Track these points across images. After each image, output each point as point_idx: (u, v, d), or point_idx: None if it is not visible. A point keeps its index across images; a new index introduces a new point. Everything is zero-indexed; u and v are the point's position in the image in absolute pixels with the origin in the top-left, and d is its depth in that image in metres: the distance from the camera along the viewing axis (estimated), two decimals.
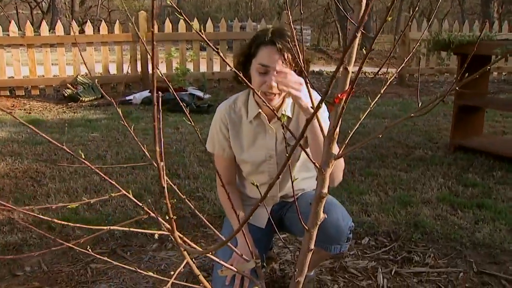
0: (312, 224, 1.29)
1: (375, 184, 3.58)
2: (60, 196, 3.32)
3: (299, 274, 1.38)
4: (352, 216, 3.00)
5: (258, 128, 1.90)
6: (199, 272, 1.06)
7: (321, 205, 1.27)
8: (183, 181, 3.66)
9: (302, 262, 1.36)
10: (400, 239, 2.68)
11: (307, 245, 1.32)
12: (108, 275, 2.29)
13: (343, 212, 1.85)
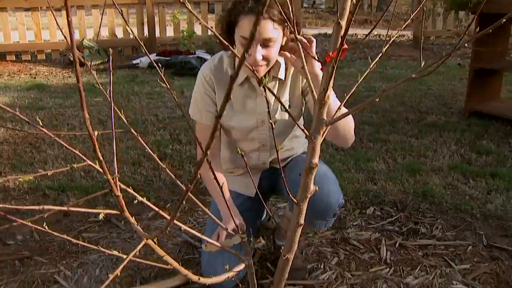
0: (302, 198, 1.15)
1: (384, 150, 3.41)
2: (58, 162, 3.23)
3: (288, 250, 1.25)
4: (358, 184, 2.88)
5: (248, 91, 1.74)
6: (163, 252, 0.94)
7: (311, 176, 1.13)
8: (184, 146, 3.54)
9: (291, 238, 1.22)
10: (407, 209, 2.54)
11: (296, 220, 1.19)
12: (100, 245, 2.20)
13: (334, 187, 1.70)
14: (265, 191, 1.95)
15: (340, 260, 2.05)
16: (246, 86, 1.73)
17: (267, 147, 1.82)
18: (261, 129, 1.77)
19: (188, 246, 2.17)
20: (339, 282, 1.88)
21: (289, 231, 1.21)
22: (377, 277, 1.91)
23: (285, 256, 1.24)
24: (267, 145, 1.81)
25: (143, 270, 1.96)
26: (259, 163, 1.86)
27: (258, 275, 1.92)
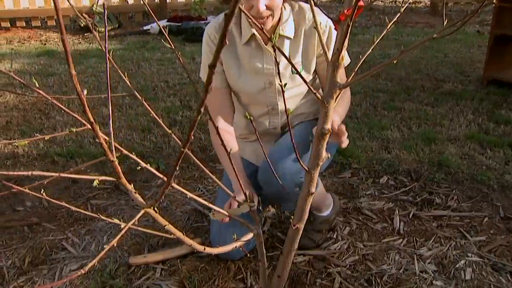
0: (313, 165, 1.09)
1: (398, 119, 3.31)
2: (67, 129, 3.19)
3: (298, 220, 1.19)
4: (372, 152, 2.80)
5: (255, 51, 1.65)
6: (165, 222, 0.88)
7: (323, 143, 1.06)
8: (195, 113, 3.48)
9: (302, 207, 1.17)
10: (422, 179, 2.46)
11: (307, 189, 1.13)
12: (108, 212, 2.17)
13: (288, 172, 1.54)
14: None
15: (352, 230, 2.00)
16: (253, 45, 1.64)
17: (277, 111, 1.73)
18: (269, 91, 1.68)
19: (197, 214, 2.13)
20: (351, 252, 1.83)
21: (299, 200, 1.16)
22: (390, 248, 1.86)
23: (295, 225, 1.19)
24: (276, 108, 1.73)
25: (151, 238, 1.93)
26: (270, 128, 1.79)
27: (268, 245, 1.88)
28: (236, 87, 1.70)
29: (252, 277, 1.68)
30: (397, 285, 1.63)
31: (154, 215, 0.84)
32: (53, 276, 1.70)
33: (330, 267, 1.73)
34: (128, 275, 1.70)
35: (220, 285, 1.64)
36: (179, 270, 1.70)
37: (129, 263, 1.75)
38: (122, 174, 0.75)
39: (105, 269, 1.72)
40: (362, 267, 1.74)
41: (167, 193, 2.36)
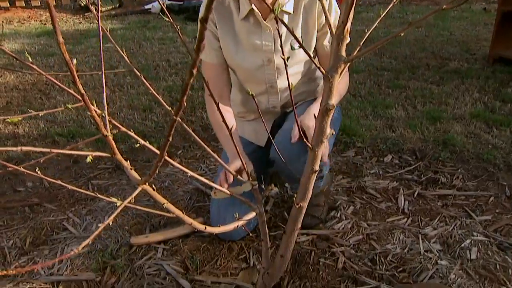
0: (317, 142, 1.05)
1: (403, 97, 3.26)
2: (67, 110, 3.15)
3: (301, 198, 1.16)
4: (376, 131, 2.75)
5: (253, 27, 1.59)
6: (164, 200, 0.85)
7: (327, 119, 1.02)
8: (196, 92, 3.43)
9: (305, 186, 1.13)
10: (427, 158, 2.42)
11: (311, 166, 1.09)
12: (109, 192, 2.15)
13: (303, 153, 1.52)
14: None
15: (356, 209, 1.97)
16: (251, 21, 1.58)
17: (276, 89, 1.68)
18: (268, 68, 1.63)
19: (199, 193, 2.10)
20: (355, 232, 1.80)
21: (303, 178, 1.12)
22: (394, 227, 1.83)
23: (298, 204, 1.15)
24: (275, 86, 1.67)
25: (153, 218, 1.90)
26: (269, 107, 1.74)
27: (271, 224, 1.86)
28: (234, 64, 1.65)
29: (254, 256, 1.66)
30: (401, 265, 1.61)
31: (152, 192, 0.80)
32: (54, 256, 1.68)
33: (333, 246, 1.71)
34: (129, 255, 1.68)
35: (222, 264, 1.62)
36: (181, 250, 1.68)
37: (130, 243, 1.73)
38: (117, 150, 0.71)
39: (107, 249, 1.70)
40: (366, 246, 1.71)
41: (168, 173, 2.33)
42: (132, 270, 1.59)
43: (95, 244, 1.74)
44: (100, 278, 1.56)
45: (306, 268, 1.58)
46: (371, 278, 1.54)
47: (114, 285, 1.51)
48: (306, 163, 1.22)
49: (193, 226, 1.81)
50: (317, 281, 1.51)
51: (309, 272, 1.56)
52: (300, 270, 1.57)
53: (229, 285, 1.51)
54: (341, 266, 1.60)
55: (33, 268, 0.55)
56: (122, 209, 1.97)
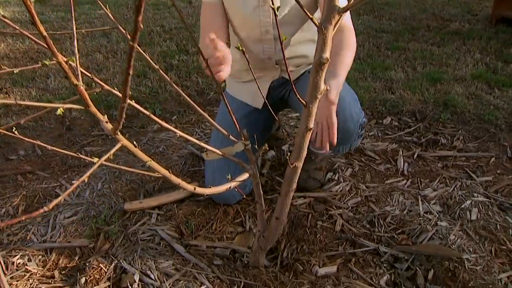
0: (311, 98, 0.99)
1: (403, 59, 3.18)
2: (60, 77, 3.08)
3: (296, 158, 1.10)
4: (375, 93, 2.69)
5: None
6: (147, 157, 0.80)
7: (321, 74, 0.95)
8: (191, 57, 3.35)
9: (299, 145, 1.07)
10: (427, 119, 2.37)
11: (305, 124, 1.03)
12: None
13: (352, 109, 1.51)
14: (275, 103, 1.77)
15: (355, 171, 1.93)
16: None
17: (271, 36, 1.57)
18: (263, 9, 1.51)
19: (194, 158, 2.06)
20: (353, 194, 1.76)
21: (297, 137, 1.06)
22: (393, 189, 1.79)
23: (293, 164, 1.10)
24: (270, 32, 1.56)
25: (147, 184, 1.86)
26: (264, 59, 1.64)
27: (267, 187, 1.82)
28: (229, 5, 1.55)
29: (251, 220, 1.62)
30: (400, 226, 1.58)
31: (133, 149, 0.75)
32: (47, 224, 1.64)
33: (331, 209, 1.67)
34: (123, 221, 1.64)
35: (217, 229, 1.59)
36: (176, 215, 1.64)
37: (124, 209, 1.69)
38: (90, 101, 0.65)
39: (100, 215, 1.66)
40: (365, 208, 1.68)
41: (163, 139, 2.27)
42: (126, 236, 1.56)
43: (89, 211, 1.70)
44: (93, 245, 1.52)
45: (303, 231, 1.54)
46: (369, 240, 1.51)
47: (107, 251, 1.48)
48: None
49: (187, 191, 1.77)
50: (314, 244, 1.48)
51: (306, 235, 1.52)
52: (297, 233, 1.54)
53: (224, 249, 1.48)
54: (339, 228, 1.56)
55: None
56: (116, 175, 1.93)
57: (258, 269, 1.36)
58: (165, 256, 1.42)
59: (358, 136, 1.58)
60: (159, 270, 1.36)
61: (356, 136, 1.57)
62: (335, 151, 1.63)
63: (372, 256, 1.43)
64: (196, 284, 1.29)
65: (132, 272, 1.35)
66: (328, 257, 1.43)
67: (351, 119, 1.50)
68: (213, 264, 1.39)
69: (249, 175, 1.13)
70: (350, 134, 1.53)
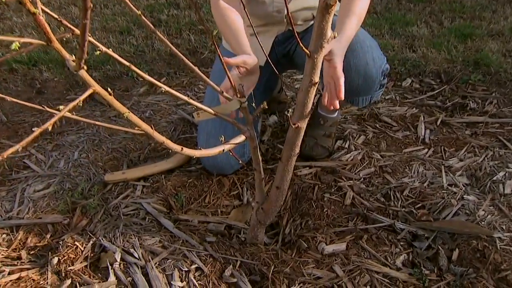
0: (316, 47, 0.98)
1: (427, 12, 3.14)
2: (27, 32, 3.06)
3: (298, 117, 1.09)
4: (393, 52, 2.67)
5: None
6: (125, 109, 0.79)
7: (328, 18, 0.94)
8: (182, 11, 3.31)
9: (302, 102, 1.06)
10: (454, 81, 2.35)
11: (309, 77, 1.02)
12: (80, 125, 2.10)
13: (374, 53, 1.52)
14: (279, 60, 1.77)
15: (368, 139, 1.92)
16: None
17: None
18: None
19: (185, 123, 2.05)
20: (366, 164, 1.76)
21: (300, 93, 1.05)
22: (412, 159, 1.79)
23: (295, 124, 1.09)
24: None
25: (131, 153, 1.86)
26: (273, 11, 1.64)
27: (268, 156, 1.82)
28: None
29: (249, 192, 1.63)
30: (420, 200, 1.58)
31: (107, 97, 0.74)
32: (13, 198, 1.65)
33: (340, 180, 1.67)
34: (103, 194, 1.65)
35: (211, 202, 1.60)
36: (164, 186, 1.65)
37: (104, 181, 1.70)
38: (53, 36, 0.65)
39: (76, 188, 1.67)
40: (379, 180, 1.68)
41: (151, 102, 2.27)
42: (106, 210, 1.57)
43: (63, 183, 1.71)
44: (68, 221, 1.53)
45: (308, 204, 1.55)
46: (384, 215, 1.52)
47: (85, 228, 1.49)
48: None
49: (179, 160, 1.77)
50: (321, 219, 1.49)
51: (311, 209, 1.53)
52: (301, 207, 1.55)
53: (219, 224, 1.49)
54: (349, 202, 1.57)
55: None
56: (96, 143, 1.93)
57: (256, 247, 1.37)
58: (151, 233, 1.43)
59: (380, 86, 1.58)
60: (144, 248, 1.37)
61: (378, 86, 1.57)
62: (354, 103, 1.63)
63: (387, 233, 1.44)
64: (186, 263, 1.31)
65: (112, 250, 1.36)
66: (337, 233, 1.44)
67: (373, 63, 1.50)
68: (206, 241, 1.40)
69: (245, 137, 1.12)
70: (372, 81, 1.53)
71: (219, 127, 1.62)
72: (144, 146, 1.89)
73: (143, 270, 1.30)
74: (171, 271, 1.29)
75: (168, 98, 2.30)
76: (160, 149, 1.86)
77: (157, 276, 1.27)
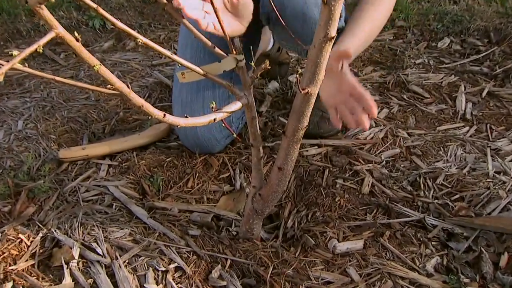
0: None
1: None
2: None
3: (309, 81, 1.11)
4: (427, 3, 2.67)
5: None
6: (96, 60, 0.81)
7: None
8: None
9: (314, 61, 1.07)
10: (506, 41, 2.37)
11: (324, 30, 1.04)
12: (27, 86, 2.11)
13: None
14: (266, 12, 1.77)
15: (392, 113, 1.95)
16: None
17: None
18: None
19: (163, 88, 2.07)
20: (389, 144, 1.79)
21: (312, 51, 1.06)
22: (449, 138, 1.82)
23: (305, 89, 1.11)
24: None
25: (93, 123, 1.88)
26: None
27: (267, 132, 1.84)
28: None
29: (242, 175, 1.65)
30: (458, 191, 1.60)
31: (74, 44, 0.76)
32: None
33: (357, 163, 1.70)
34: (57, 175, 1.67)
35: (195, 186, 1.62)
36: (136, 166, 1.66)
37: (59, 158, 1.71)
38: None
39: (21, 167, 1.69)
40: (406, 164, 1.71)
41: (117, 60, 2.28)
42: (61, 195, 1.59)
43: (3, 161, 1.72)
44: (10, 208, 1.54)
45: (316, 192, 1.57)
46: (411, 208, 1.54)
47: (32, 217, 1.50)
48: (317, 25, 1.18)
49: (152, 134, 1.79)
50: (332, 211, 1.51)
51: (320, 197, 1.55)
52: (307, 195, 1.57)
53: (204, 214, 1.51)
54: (367, 190, 1.60)
55: None
56: (47, 110, 1.95)
57: (251, 243, 1.39)
58: (119, 223, 1.45)
59: None
60: (110, 242, 1.38)
61: None
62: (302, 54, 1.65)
63: (415, 230, 1.46)
64: (163, 262, 1.33)
65: (69, 245, 1.36)
66: (351, 228, 1.46)
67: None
68: (188, 235, 1.43)
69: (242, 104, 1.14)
70: (313, 24, 1.52)
71: (197, 94, 1.64)
72: (110, 115, 1.90)
73: (109, 270, 1.31)
74: (144, 271, 1.31)
75: (140, 57, 2.31)
76: (131, 119, 1.88)
77: (126, 277, 1.29)
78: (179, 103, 1.67)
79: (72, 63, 2.32)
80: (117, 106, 1.98)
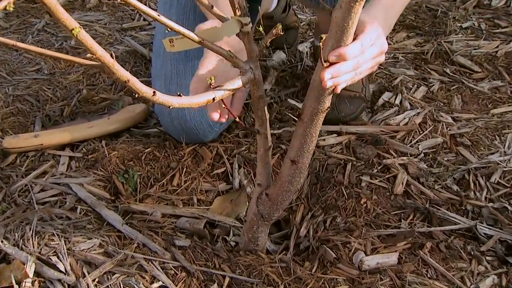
0: None
1: None
2: None
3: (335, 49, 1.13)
4: None
5: None
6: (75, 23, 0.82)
7: None
8: None
9: (341, 25, 1.09)
10: None
11: None
12: None
13: None
14: None
15: (432, 91, 1.96)
16: None
17: None
18: None
19: (137, 59, 2.08)
20: (429, 131, 1.80)
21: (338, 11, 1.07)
22: (506, 124, 1.83)
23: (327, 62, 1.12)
24: None
25: (48, 103, 1.88)
26: None
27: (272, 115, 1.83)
28: None
29: (242, 171, 1.66)
30: None
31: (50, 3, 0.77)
32: None
33: (387, 155, 1.71)
34: (2, 170, 1.67)
35: (183, 185, 1.61)
36: (105, 159, 1.66)
37: (3, 148, 1.71)
38: None
39: None
40: (450, 157, 1.72)
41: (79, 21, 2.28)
42: (8, 196, 1.59)
43: None
44: None
45: (336, 192, 1.58)
46: (458, 213, 1.55)
47: None
48: None
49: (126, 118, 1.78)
50: (356, 216, 1.52)
51: (341, 199, 1.56)
52: (325, 196, 1.58)
53: (195, 220, 1.51)
54: (401, 190, 1.61)
55: None
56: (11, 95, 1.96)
57: (255, 256, 1.40)
58: (86, 231, 1.46)
59: None
60: (74, 256, 1.39)
61: None
62: None
63: (464, 240, 1.47)
64: (143, 280, 1.33)
65: (21, 259, 1.36)
66: (382, 238, 1.48)
67: None
68: (175, 246, 1.44)
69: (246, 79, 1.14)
70: None
71: (185, 66, 1.64)
72: (70, 93, 1.91)
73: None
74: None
75: (106, 18, 2.32)
76: (97, 98, 1.88)
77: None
78: (162, 77, 1.68)
79: (15, 25, 2.31)
80: (78, 81, 1.99)
